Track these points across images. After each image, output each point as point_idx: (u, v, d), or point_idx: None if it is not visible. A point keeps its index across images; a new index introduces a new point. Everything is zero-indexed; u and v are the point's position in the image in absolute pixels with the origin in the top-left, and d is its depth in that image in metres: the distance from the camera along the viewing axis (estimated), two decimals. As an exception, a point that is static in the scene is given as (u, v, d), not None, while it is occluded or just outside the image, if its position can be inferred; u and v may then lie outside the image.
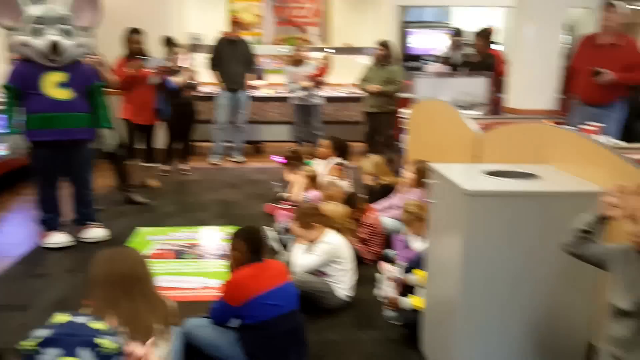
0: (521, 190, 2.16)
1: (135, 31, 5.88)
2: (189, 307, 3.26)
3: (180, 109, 6.34)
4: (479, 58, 6.13)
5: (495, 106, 5.95)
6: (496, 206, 2.12)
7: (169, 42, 6.44)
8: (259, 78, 7.46)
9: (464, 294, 2.17)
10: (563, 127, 2.95)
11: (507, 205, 2.12)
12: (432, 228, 2.64)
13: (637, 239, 1.62)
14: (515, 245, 2.15)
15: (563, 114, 4.92)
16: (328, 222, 3.49)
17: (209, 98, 7.43)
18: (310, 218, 3.35)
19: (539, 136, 2.72)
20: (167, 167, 6.61)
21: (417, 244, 3.63)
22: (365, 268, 3.85)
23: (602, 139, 3.71)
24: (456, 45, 6.93)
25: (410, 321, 2.86)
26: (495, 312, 2.20)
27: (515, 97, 4.91)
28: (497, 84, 5.97)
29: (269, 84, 8.28)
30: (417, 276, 3.17)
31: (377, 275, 3.11)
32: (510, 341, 2.23)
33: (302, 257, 3.31)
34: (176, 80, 6.15)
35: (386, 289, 3.01)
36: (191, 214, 5.16)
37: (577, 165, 2.36)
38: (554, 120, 4.20)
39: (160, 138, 6.48)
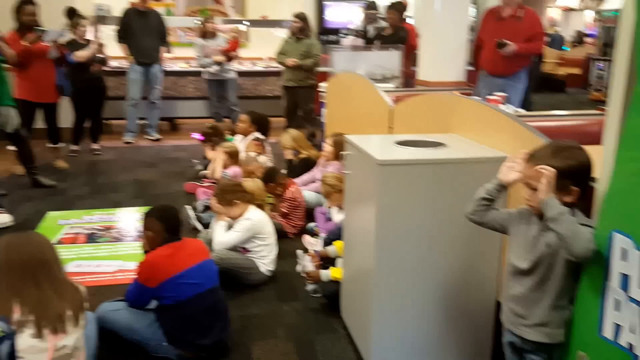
0: (430, 158, 2.25)
1: (28, 1, 5.43)
2: (105, 291, 3.16)
3: (88, 84, 6.00)
4: (391, 31, 6.23)
5: (409, 79, 6.10)
6: (407, 175, 2.18)
7: (73, 14, 6.05)
8: (168, 51, 7.19)
9: (379, 260, 2.24)
10: (469, 97, 3.07)
11: (416, 173, 2.19)
12: (348, 199, 2.69)
13: (532, 203, 1.73)
14: (425, 212, 2.23)
15: (471, 85, 5.13)
16: (249, 198, 3.47)
17: (121, 73, 7.10)
18: (231, 195, 3.31)
19: (447, 107, 2.82)
20: (76, 147, 6.27)
21: (338, 216, 3.70)
22: (288, 242, 3.89)
23: (507, 108, 3.92)
24: (370, 19, 6.99)
25: (331, 292, 2.93)
26: (408, 277, 2.29)
27: (426, 69, 5.05)
28: (411, 58, 6.11)
29: (182, 58, 8.01)
30: (336, 247, 3.24)
31: (297, 251, 3.14)
32: (424, 305, 2.33)
33: (222, 235, 3.27)
34: (82, 54, 5.79)
35: (306, 264, 3.05)
36: (105, 195, 4.95)
37: (482, 133, 2.48)
38: (462, 91, 4.37)
39: (67, 116, 6.12)
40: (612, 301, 1.52)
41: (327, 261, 3.27)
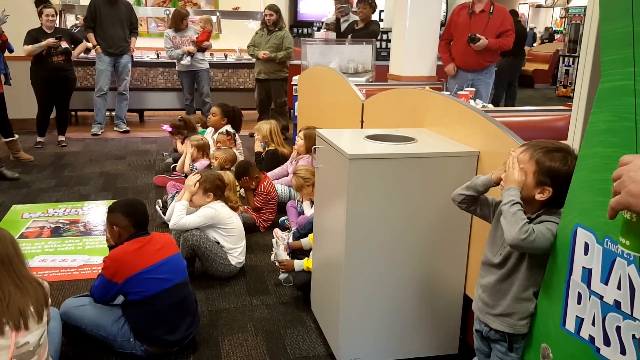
0: (399, 152, 2.25)
1: None
2: (70, 286, 3.10)
3: (52, 75, 5.84)
4: (363, 25, 6.22)
5: (384, 73, 6.11)
6: (377, 169, 2.19)
7: (40, 1, 5.88)
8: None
9: (348, 254, 2.24)
10: (439, 92, 3.09)
11: (386, 167, 2.20)
12: (319, 192, 2.69)
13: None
14: (395, 206, 2.24)
15: (442, 80, 5.18)
16: (223, 199, 3.42)
17: (89, 63, 6.95)
18: (211, 185, 3.27)
19: (418, 101, 2.83)
20: (41, 139, 6.11)
21: (310, 210, 3.69)
22: (260, 236, 3.87)
23: (476, 103, 3.97)
24: (342, 12, 6.97)
25: (303, 282, 2.93)
26: (377, 271, 2.29)
27: (398, 64, 5.07)
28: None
29: (152, 48, 7.88)
30: (310, 240, 3.24)
31: (273, 240, 3.13)
32: (393, 298, 2.34)
33: (183, 216, 3.20)
34: (27, 48, 5.62)
35: (280, 252, 3.04)
36: (71, 188, 4.84)
37: (451, 128, 2.49)
38: (433, 86, 4.41)
39: (29, 107, 5.94)
40: (574, 295, 1.55)
41: (301, 253, 3.26)
